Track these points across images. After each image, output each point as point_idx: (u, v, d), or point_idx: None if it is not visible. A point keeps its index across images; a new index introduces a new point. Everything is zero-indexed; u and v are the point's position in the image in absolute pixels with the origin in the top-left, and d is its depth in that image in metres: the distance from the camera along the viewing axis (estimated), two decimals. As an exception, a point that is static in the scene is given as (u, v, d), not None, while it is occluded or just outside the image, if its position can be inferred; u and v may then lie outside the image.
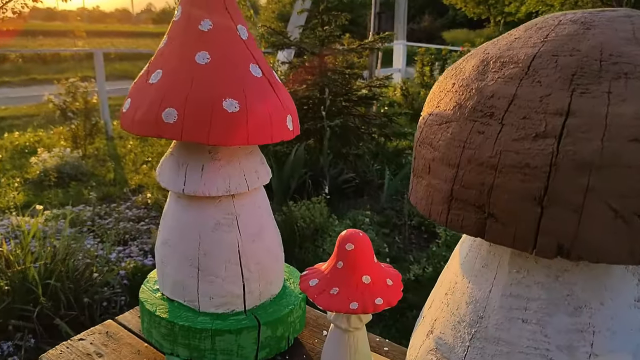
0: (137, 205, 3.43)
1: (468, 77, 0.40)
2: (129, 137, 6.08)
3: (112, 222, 3.06)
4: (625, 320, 0.39)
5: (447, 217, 0.39)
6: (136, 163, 4.80)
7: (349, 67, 4.38)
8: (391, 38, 4.50)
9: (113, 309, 2.18)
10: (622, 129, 0.31)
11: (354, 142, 3.88)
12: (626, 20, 0.36)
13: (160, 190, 3.59)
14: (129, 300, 2.26)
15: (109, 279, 2.23)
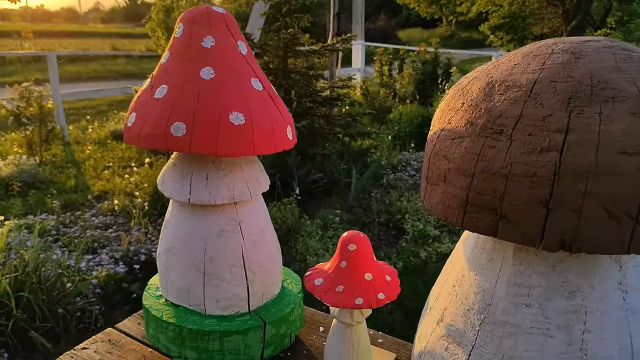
0: (103, 213, 3.36)
1: (476, 97, 0.46)
2: (86, 142, 5.91)
3: (79, 230, 3.00)
4: (611, 301, 0.46)
5: (463, 220, 0.45)
6: (97, 169, 4.68)
7: (309, 68, 4.44)
8: (354, 39, 4.59)
9: (88, 319, 2.15)
10: (612, 144, 0.38)
11: (320, 142, 3.95)
12: (608, 51, 0.43)
13: (127, 196, 3.54)
14: (103, 310, 2.23)
15: (82, 288, 2.19)
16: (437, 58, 7.25)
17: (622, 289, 0.47)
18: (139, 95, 0.80)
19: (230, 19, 0.81)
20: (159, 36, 7.04)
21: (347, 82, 4.56)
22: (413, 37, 22.95)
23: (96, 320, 2.16)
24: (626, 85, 0.40)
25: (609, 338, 0.46)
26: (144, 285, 2.60)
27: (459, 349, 0.52)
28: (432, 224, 3.26)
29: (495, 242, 0.51)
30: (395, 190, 3.88)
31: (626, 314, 0.47)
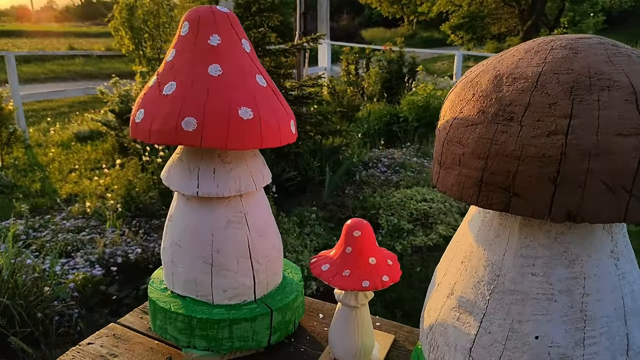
0: (74, 216, 3.29)
1: (486, 89, 0.52)
2: (48, 144, 5.74)
3: (50, 234, 2.93)
4: (606, 267, 0.53)
5: (478, 198, 0.50)
6: (63, 172, 4.56)
7: (277, 67, 4.47)
8: (322, 38, 4.64)
9: (67, 323, 2.11)
10: (609, 127, 0.44)
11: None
12: (600, 47, 0.49)
13: (98, 198, 3.47)
14: (83, 313, 2.20)
15: (60, 292, 2.16)
16: (402, 57, 7.39)
17: (614, 256, 0.53)
18: (145, 92, 0.82)
19: (234, 18, 0.84)
20: (122, 35, 6.90)
21: (317, 80, 4.61)
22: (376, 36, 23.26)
23: (76, 324, 2.13)
24: (619, 76, 0.46)
25: (605, 300, 0.52)
26: (122, 287, 2.56)
27: (471, 317, 0.58)
28: (406, 219, 3.35)
29: (501, 219, 0.57)
30: (368, 187, 3.96)
31: (618, 279, 0.53)
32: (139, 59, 6.97)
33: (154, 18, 6.79)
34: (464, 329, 0.58)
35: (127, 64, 13.17)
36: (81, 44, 19.98)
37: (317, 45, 4.97)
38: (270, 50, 4.19)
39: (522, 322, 0.53)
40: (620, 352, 0.52)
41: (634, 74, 0.46)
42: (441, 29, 19.46)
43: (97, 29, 28.09)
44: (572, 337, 0.52)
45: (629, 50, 0.50)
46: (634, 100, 0.45)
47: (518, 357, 0.53)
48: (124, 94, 5.08)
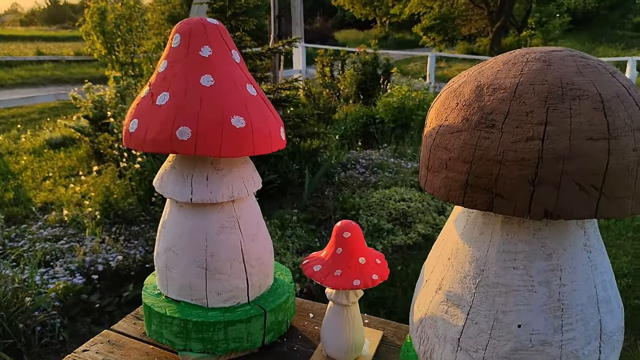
0: (51, 224, 3.24)
1: (468, 98, 0.56)
2: (20, 152, 5.61)
3: (27, 244, 2.87)
4: (580, 259, 0.58)
5: (464, 199, 0.55)
6: (36, 180, 4.47)
7: (253, 70, 4.48)
8: (298, 41, 4.67)
9: (50, 333, 2.09)
10: (580, 132, 0.49)
11: (271, 144, 4.00)
12: (571, 59, 0.54)
13: (75, 206, 3.42)
14: (65, 322, 2.18)
15: (41, 302, 2.13)
16: (377, 59, 7.49)
17: (587, 249, 0.58)
18: (138, 103, 0.84)
19: (223, 29, 0.86)
20: (94, 40, 6.79)
21: (293, 83, 4.64)
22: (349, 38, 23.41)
23: (59, 334, 2.10)
24: (588, 86, 0.51)
25: (579, 289, 0.57)
26: (105, 295, 2.55)
27: (458, 310, 0.62)
28: (385, 218, 3.41)
29: (484, 218, 0.61)
30: (347, 188, 4.01)
31: (591, 269, 0.58)
32: (111, 63, 6.87)
33: (127, 22, 6.71)
34: (452, 321, 0.62)
35: (97, 68, 12.93)
36: (49, 48, 19.51)
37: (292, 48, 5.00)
38: (246, 54, 4.20)
39: (506, 313, 0.58)
40: (594, 337, 0.58)
41: (601, 84, 0.52)
42: (413, 30, 19.73)
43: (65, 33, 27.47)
44: (551, 325, 0.57)
45: (596, 61, 0.55)
46: (601, 108, 0.50)
47: (503, 345, 0.58)
48: (98, 100, 5.01)
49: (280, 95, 4.41)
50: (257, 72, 4.45)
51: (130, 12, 6.66)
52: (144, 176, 3.46)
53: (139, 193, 3.48)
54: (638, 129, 0.50)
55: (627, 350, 2.14)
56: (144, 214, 3.35)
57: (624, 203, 0.50)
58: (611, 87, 0.51)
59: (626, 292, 2.59)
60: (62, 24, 35.15)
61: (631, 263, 2.91)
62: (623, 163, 0.49)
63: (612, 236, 3.31)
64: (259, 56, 4.46)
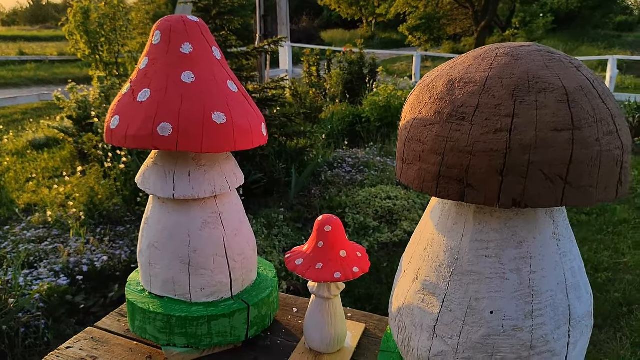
0: (35, 226, 3.20)
1: (441, 92, 0.58)
2: (2, 153, 5.53)
3: (10, 245, 2.84)
4: (549, 247, 0.60)
5: (437, 190, 0.56)
6: (19, 181, 4.41)
7: (238, 69, 4.47)
8: (284, 41, 4.68)
9: (34, 334, 2.07)
10: (546, 124, 0.51)
11: (257, 143, 4.00)
12: (538, 54, 0.56)
13: (60, 207, 3.39)
14: (50, 323, 2.16)
15: (25, 304, 2.11)
16: (363, 58, 7.52)
17: (556, 238, 0.61)
18: (119, 99, 0.84)
19: (204, 26, 0.87)
20: (78, 39, 6.71)
21: (279, 83, 4.65)
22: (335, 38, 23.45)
23: (43, 335, 2.09)
24: (553, 79, 0.53)
25: (549, 276, 0.59)
26: (90, 296, 2.53)
27: (434, 298, 0.64)
28: (371, 216, 3.43)
29: (458, 208, 0.63)
30: (334, 186, 4.03)
31: (560, 257, 0.60)
32: (95, 63, 6.80)
33: (110, 21, 6.64)
34: (428, 310, 0.64)
35: (81, 68, 12.77)
36: (32, 48, 19.21)
37: (278, 47, 5.00)
38: (231, 54, 4.20)
39: (479, 300, 0.60)
40: (563, 322, 0.60)
41: (566, 77, 0.54)
42: (399, 30, 19.83)
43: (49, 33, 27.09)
44: (522, 310, 0.59)
45: (562, 56, 0.57)
46: (565, 100, 0.52)
47: (476, 331, 0.60)
48: (82, 100, 4.96)
49: (267, 95, 4.41)
50: (243, 71, 4.45)
51: (114, 12, 6.60)
52: (128, 176, 3.44)
53: (124, 193, 3.46)
54: (601, 120, 0.52)
55: (608, 343, 2.19)
56: (129, 214, 3.33)
57: (588, 191, 0.52)
58: (575, 80, 0.53)
59: (607, 285, 2.64)
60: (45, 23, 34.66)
61: (611, 257, 2.97)
62: (586, 153, 0.51)
63: (593, 231, 3.38)
64: (244, 55, 4.45)
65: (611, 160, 0.52)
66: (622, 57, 7.52)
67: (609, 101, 0.54)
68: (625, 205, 3.80)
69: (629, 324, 2.29)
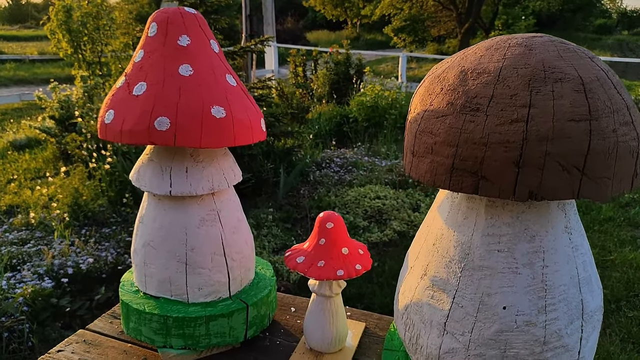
0: (17, 228, 3.12)
1: (453, 83, 0.57)
2: (-19, 154, 5.39)
3: (-8, 248, 2.76)
4: (561, 241, 0.59)
5: (450, 183, 0.55)
6: (0, 182, 4.31)
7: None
8: (271, 40, 4.65)
9: (18, 339, 2.01)
10: (563, 114, 0.50)
11: (245, 143, 3.97)
12: (551, 44, 0.55)
13: (43, 208, 3.31)
14: (34, 327, 2.10)
15: (9, 308, 2.05)
16: (349, 59, 7.51)
17: (568, 231, 0.60)
18: (113, 93, 0.81)
19: (202, 19, 0.85)
20: (60, 38, 6.59)
21: (266, 82, 4.62)
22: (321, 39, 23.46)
23: (27, 339, 2.03)
24: (569, 69, 0.52)
25: (561, 270, 0.58)
26: (75, 299, 2.48)
27: (444, 294, 0.62)
28: (361, 216, 3.42)
29: (468, 202, 0.62)
30: (323, 186, 4.01)
31: (572, 251, 0.60)
32: (78, 62, 6.68)
33: (94, 20, 6.53)
34: (438, 306, 0.63)
35: (63, 68, 12.56)
36: (12, 48, 18.84)
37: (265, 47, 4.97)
38: (219, 53, 4.15)
39: (491, 295, 0.59)
40: (576, 317, 0.59)
41: (581, 67, 0.53)
42: (384, 31, 19.91)
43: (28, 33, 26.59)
44: (535, 305, 0.57)
45: (574, 46, 0.56)
46: (582, 90, 0.51)
47: (488, 327, 0.59)
48: (64, 100, 4.86)
49: (253, 94, 4.37)
50: (229, 71, 4.40)
51: (97, 10, 6.49)
52: (114, 177, 3.38)
53: (109, 194, 3.39)
54: (617, 110, 0.51)
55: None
56: (114, 215, 3.27)
57: (604, 183, 0.51)
58: (591, 71, 0.53)
59: (594, 282, 2.66)
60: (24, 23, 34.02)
61: (598, 255, 3.00)
62: (603, 144, 0.50)
63: (580, 229, 3.41)
64: (231, 55, 4.41)
65: (627, 151, 0.51)
66: (602, 59, 7.64)
67: (624, 92, 0.54)
68: (610, 203, 3.85)
69: (618, 320, 2.31)
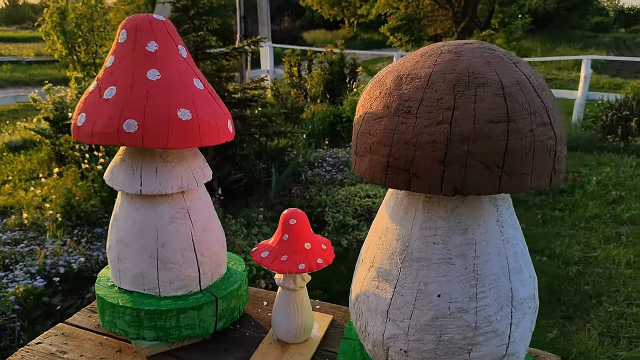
0: (10, 228, 3.16)
1: (389, 87, 0.61)
2: (-23, 156, 5.42)
3: (-15, 248, 2.80)
4: (493, 233, 0.63)
5: (386, 180, 0.60)
6: (-5, 183, 4.35)
7: (219, 70, 4.47)
8: (264, 41, 4.69)
9: (10, 337, 2.06)
10: (483, 116, 0.55)
11: (237, 143, 4.01)
12: (479, 51, 0.60)
13: (36, 209, 3.35)
14: (25, 325, 2.15)
15: (1, 306, 2.09)
16: (344, 59, 7.56)
17: (499, 224, 0.64)
18: (86, 97, 0.86)
19: (170, 25, 0.89)
20: (54, 40, 6.63)
21: (259, 83, 4.66)
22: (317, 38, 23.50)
23: (19, 337, 2.07)
24: (491, 75, 0.57)
25: (492, 260, 0.63)
26: (67, 297, 2.52)
27: (387, 284, 0.67)
28: (351, 215, 3.47)
29: (409, 198, 0.66)
30: (314, 186, 4.06)
31: (503, 242, 0.64)
32: (73, 64, 6.72)
33: (88, 22, 6.58)
34: (382, 295, 0.67)
35: (59, 69, 12.59)
36: (8, 49, 18.86)
37: (258, 48, 5.01)
38: (210, 54, 4.19)
39: (427, 284, 0.63)
40: (506, 304, 0.63)
41: (504, 73, 0.57)
42: (380, 30, 19.95)
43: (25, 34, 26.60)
44: (467, 293, 0.62)
45: (501, 53, 0.60)
46: (502, 94, 0.55)
47: (425, 314, 0.63)
48: (59, 101, 4.90)
49: (247, 95, 4.41)
50: (223, 71, 4.45)
51: (91, 12, 6.53)
52: (107, 177, 3.42)
53: (101, 194, 3.44)
54: (534, 112, 0.56)
55: (577, 334, 2.26)
56: (106, 215, 3.31)
57: (522, 179, 0.56)
58: (512, 76, 0.57)
59: (577, 278, 2.72)
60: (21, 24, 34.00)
61: (582, 251, 3.05)
62: (520, 143, 0.54)
63: (566, 226, 3.46)
64: (224, 56, 4.45)
65: (544, 149, 0.56)
66: (596, 57, 7.71)
67: (544, 95, 0.58)
68: (597, 200, 3.90)
69: (597, 315, 2.36)
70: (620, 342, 2.16)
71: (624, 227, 3.46)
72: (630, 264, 2.87)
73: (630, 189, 4.12)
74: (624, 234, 3.30)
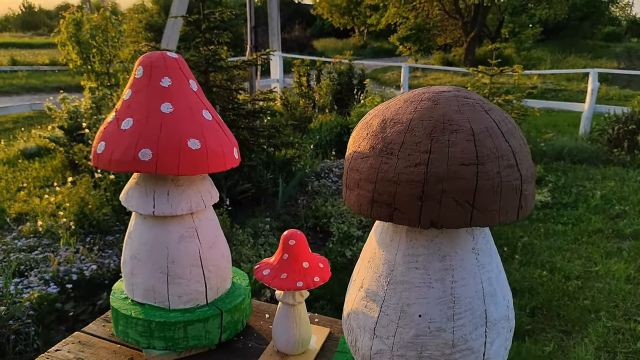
0: (25, 235, 3.27)
1: (375, 130, 0.69)
2: (-7, 162, 5.58)
3: (1, 254, 2.91)
4: (469, 260, 0.71)
5: (371, 212, 0.67)
6: (10, 190, 4.48)
7: (229, 80, 4.58)
8: (272, 54, 4.80)
9: (24, 341, 2.15)
10: (455, 159, 0.62)
11: (246, 154, 4.11)
12: (455, 99, 0.67)
13: (50, 216, 3.46)
14: (39, 330, 2.24)
15: (16, 312, 2.19)
16: (352, 69, 7.67)
17: (475, 252, 0.71)
18: (105, 127, 0.94)
19: (182, 62, 0.98)
20: (70, 50, 6.80)
21: (268, 94, 4.76)
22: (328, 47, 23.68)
23: (33, 341, 2.16)
24: (463, 122, 0.64)
25: (468, 285, 0.70)
26: (79, 304, 2.62)
27: (374, 304, 0.74)
28: (355, 226, 3.54)
29: (394, 227, 0.74)
30: (320, 196, 4.13)
31: (478, 268, 0.71)
32: (87, 73, 6.89)
33: (103, 33, 6.75)
34: (369, 314, 0.74)
35: (73, 76, 12.82)
36: (24, 56, 19.23)
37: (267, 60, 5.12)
38: (221, 67, 4.30)
39: (410, 305, 0.70)
40: (480, 324, 0.70)
41: (474, 120, 0.65)
42: (390, 40, 20.07)
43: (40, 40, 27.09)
44: (445, 314, 0.69)
45: (474, 101, 0.68)
46: (472, 139, 0.63)
47: (407, 332, 0.70)
48: (73, 110, 5.04)
49: (256, 107, 4.52)
50: (233, 82, 4.56)
51: (105, 23, 6.70)
52: (118, 187, 3.53)
53: (113, 203, 3.54)
54: (501, 156, 0.63)
55: (575, 348, 2.30)
56: (118, 223, 3.41)
57: (492, 214, 0.63)
58: (483, 122, 0.65)
59: (577, 293, 2.76)
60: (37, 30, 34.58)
61: (583, 266, 3.09)
62: (488, 183, 0.62)
63: (569, 240, 3.50)
64: (234, 68, 4.56)
65: (510, 189, 0.63)
66: (603, 70, 7.74)
67: (512, 139, 0.65)
68: (600, 215, 3.93)
69: (595, 329, 2.40)
70: (617, 357, 2.20)
71: (626, 242, 3.49)
72: (631, 280, 2.90)
73: (634, 203, 4.15)
74: (625, 249, 3.33)
